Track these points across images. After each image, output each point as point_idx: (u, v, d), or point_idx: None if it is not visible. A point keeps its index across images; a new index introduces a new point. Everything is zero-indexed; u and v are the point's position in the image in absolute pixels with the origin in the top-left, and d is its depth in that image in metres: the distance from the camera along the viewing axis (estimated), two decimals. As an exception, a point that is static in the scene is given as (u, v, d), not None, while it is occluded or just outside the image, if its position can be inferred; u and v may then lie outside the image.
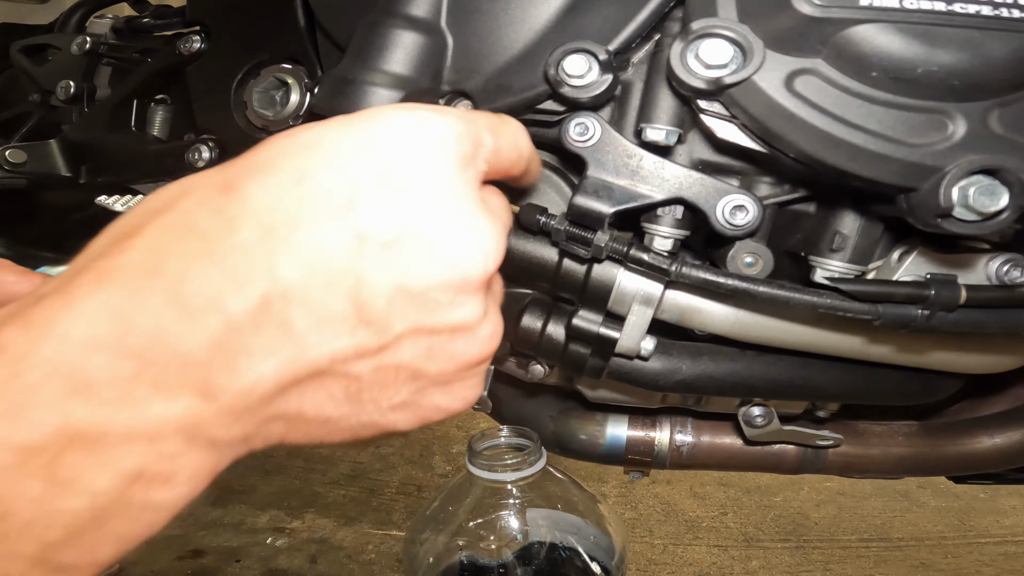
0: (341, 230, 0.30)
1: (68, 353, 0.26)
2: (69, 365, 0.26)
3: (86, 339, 0.26)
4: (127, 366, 0.26)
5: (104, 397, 0.26)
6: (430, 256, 0.31)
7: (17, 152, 0.85)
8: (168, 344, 0.27)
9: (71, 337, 0.26)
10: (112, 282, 0.27)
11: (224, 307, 0.28)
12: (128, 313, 0.27)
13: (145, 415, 0.27)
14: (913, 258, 0.52)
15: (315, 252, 0.29)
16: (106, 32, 0.91)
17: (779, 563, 1.57)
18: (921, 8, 0.40)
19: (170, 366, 0.27)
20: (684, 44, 0.43)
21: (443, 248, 0.31)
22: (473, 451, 0.84)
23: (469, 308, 0.33)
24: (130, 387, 0.27)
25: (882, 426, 0.77)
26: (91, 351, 0.26)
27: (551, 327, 0.59)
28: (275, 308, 0.29)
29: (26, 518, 0.26)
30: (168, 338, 0.27)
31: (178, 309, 0.27)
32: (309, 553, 1.63)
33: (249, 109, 0.66)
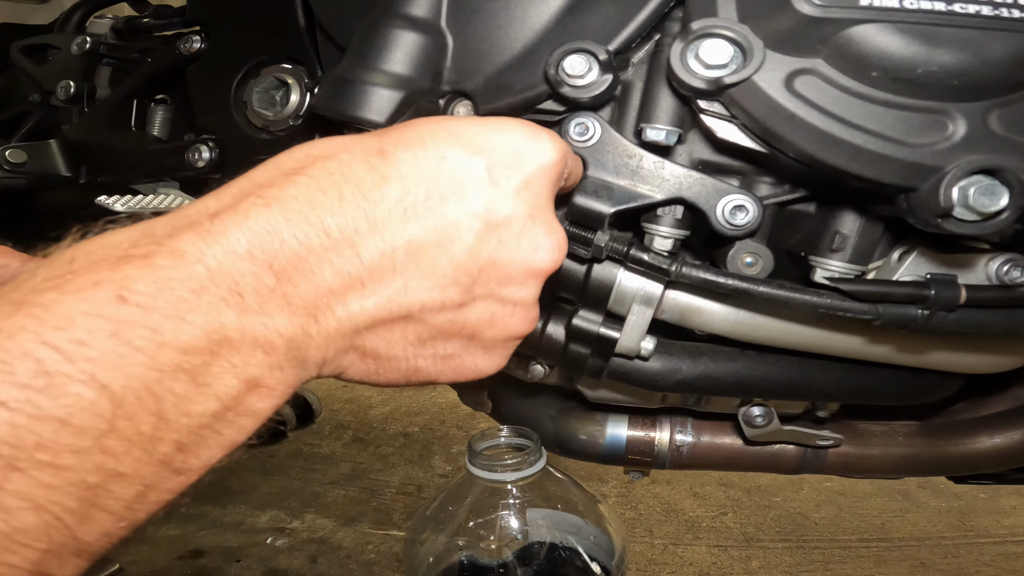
0: (466, 207, 0.36)
1: (232, 262, 0.30)
2: (229, 273, 0.30)
3: (247, 252, 0.30)
4: (270, 280, 0.31)
5: (247, 304, 0.30)
6: (521, 243, 0.38)
7: (17, 152, 0.85)
8: (306, 267, 0.32)
9: (236, 248, 0.30)
10: (277, 207, 0.32)
11: (359, 245, 0.33)
12: (284, 236, 0.31)
13: (269, 326, 0.31)
14: (913, 258, 0.52)
15: (441, 218, 0.35)
16: (106, 32, 0.91)
17: (779, 563, 1.57)
18: (921, 8, 0.40)
19: (299, 285, 0.32)
20: (684, 44, 0.43)
21: (532, 241, 0.39)
22: (473, 451, 0.84)
23: (532, 290, 0.41)
24: (267, 299, 0.31)
25: (882, 426, 0.77)
26: (249, 262, 0.30)
27: (551, 327, 0.59)
28: (398, 256, 0.34)
29: (169, 418, 0.28)
30: (307, 262, 0.32)
31: (322, 238, 0.32)
32: (309, 553, 1.63)
33: (249, 109, 0.66)
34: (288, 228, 0.31)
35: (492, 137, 0.38)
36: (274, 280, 0.31)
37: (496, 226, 0.37)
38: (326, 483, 1.90)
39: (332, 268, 0.33)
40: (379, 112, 0.49)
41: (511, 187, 0.38)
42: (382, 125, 0.49)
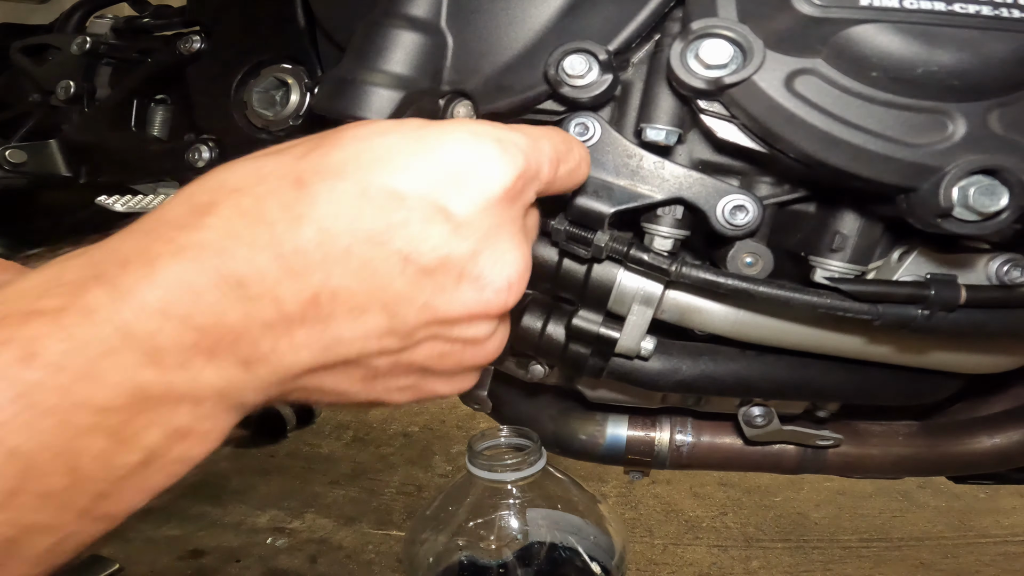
0: (391, 251, 0.33)
1: (145, 320, 0.28)
2: (144, 331, 0.28)
3: (161, 308, 0.29)
4: (190, 336, 0.29)
5: (168, 362, 0.29)
6: (462, 287, 0.35)
7: (17, 152, 0.85)
8: (226, 322, 0.30)
9: (149, 305, 0.28)
10: (187, 258, 0.30)
11: (279, 297, 0.31)
12: (198, 289, 0.29)
13: (197, 381, 0.30)
14: (913, 258, 0.52)
15: (364, 265, 0.32)
16: (106, 32, 0.91)
17: (779, 563, 1.57)
18: (921, 8, 0.40)
19: (223, 339, 0.30)
20: (684, 44, 0.43)
21: (477, 282, 0.35)
22: (473, 451, 0.84)
23: (484, 328, 0.38)
24: (189, 355, 0.29)
25: (882, 426, 0.77)
26: (164, 320, 0.29)
27: (551, 327, 0.59)
28: (322, 305, 0.32)
29: (86, 473, 0.28)
30: (227, 317, 0.30)
31: (239, 292, 0.30)
32: (309, 553, 1.63)
33: (249, 109, 0.66)
34: (202, 280, 0.29)
35: (425, 161, 0.34)
36: (195, 336, 0.29)
37: (431, 271, 0.34)
38: (326, 483, 1.90)
39: (254, 321, 0.30)
40: (379, 112, 0.49)
41: (447, 224, 0.34)
42: (382, 125, 0.49)
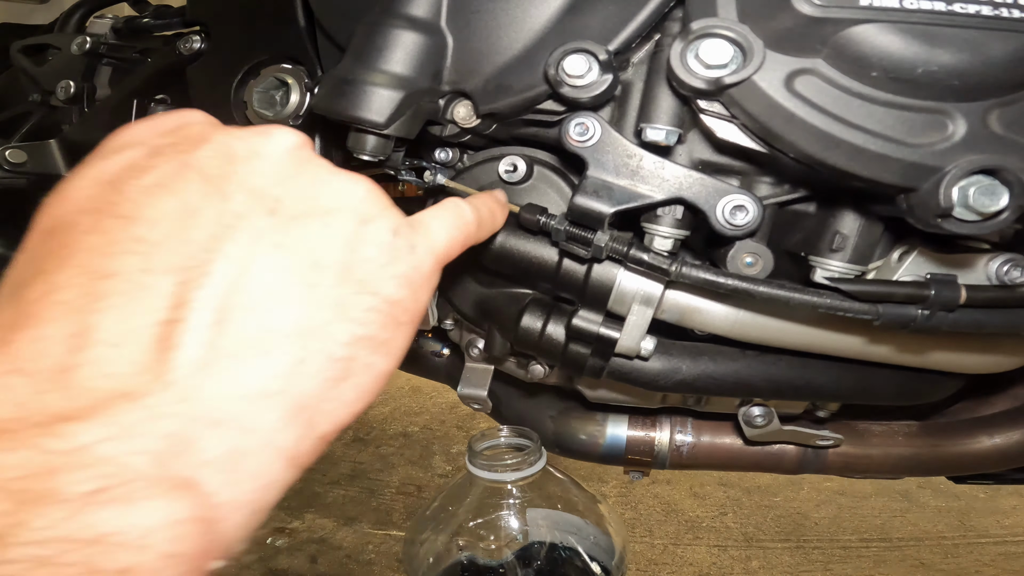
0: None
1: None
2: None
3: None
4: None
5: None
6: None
7: (17, 152, 0.85)
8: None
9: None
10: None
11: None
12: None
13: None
14: (913, 258, 0.52)
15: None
16: (106, 32, 0.91)
17: (779, 563, 1.57)
18: (921, 8, 0.40)
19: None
20: (684, 44, 0.43)
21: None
22: (473, 451, 0.84)
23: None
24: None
25: (882, 426, 0.77)
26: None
27: (551, 327, 0.59)
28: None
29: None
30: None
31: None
32: (309, 553, 1.63)
33: (249, 109, 0.66)
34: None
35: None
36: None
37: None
38: (326, 483, 1.90)
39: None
40: (379, 112, 0.49)
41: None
42: (382, 125, 0.49)
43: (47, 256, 0.29)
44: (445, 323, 0.72)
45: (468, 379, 0.74)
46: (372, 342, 0.31)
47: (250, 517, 0.27)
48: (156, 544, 0.23)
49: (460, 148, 0.63)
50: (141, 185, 0.30)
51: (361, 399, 0.31)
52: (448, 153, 0.63)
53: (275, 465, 0.28)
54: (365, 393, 0.31)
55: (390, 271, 0.32)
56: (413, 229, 0.35)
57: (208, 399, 0.26)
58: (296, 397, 0.28)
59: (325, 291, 0.30)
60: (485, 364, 0.74)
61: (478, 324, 0.69)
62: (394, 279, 0.32)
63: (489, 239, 0.58)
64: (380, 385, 0.32)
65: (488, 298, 0.65)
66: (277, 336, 0.28)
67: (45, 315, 0.26)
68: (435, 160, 0.63)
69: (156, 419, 0.25)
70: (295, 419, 0.28)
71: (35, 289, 0.27)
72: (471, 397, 0.75)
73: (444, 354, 0.86)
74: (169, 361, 0.26)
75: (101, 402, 0.25)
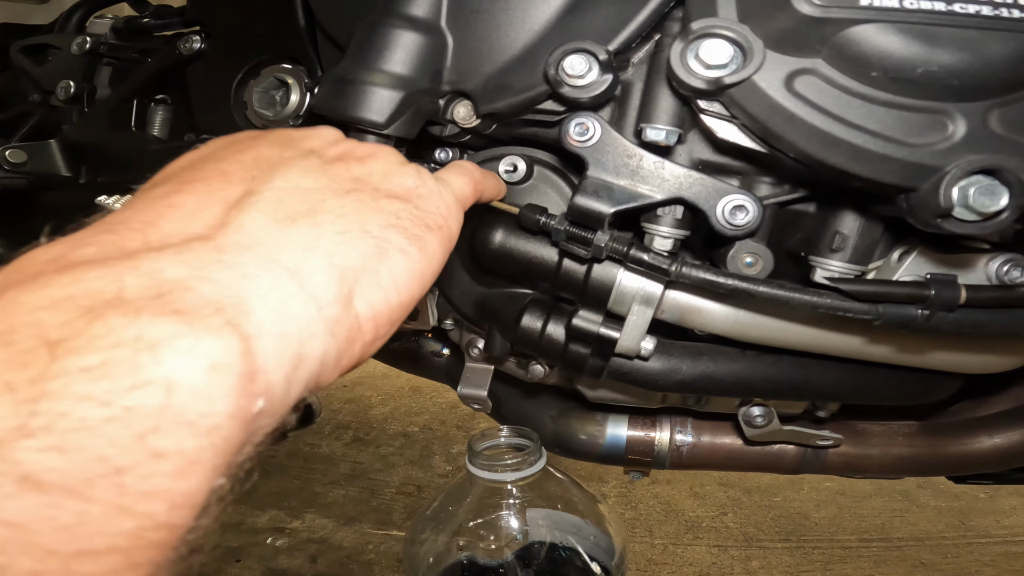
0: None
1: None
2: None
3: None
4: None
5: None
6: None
7: (17, 152, 0.85)
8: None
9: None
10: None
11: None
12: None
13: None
14: (913, 258, 0.52)
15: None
16: (106, 32, 0.91)
17: (779, 563, 1.57)
18: (921, 8, 0.40)
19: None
20: (684, 44, 0.43)
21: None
22: (473, 451, 0.84)
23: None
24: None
25: (882, 426, 0.77)
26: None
27: (551, 327, 0.59)
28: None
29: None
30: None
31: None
32: (309, 553, 1.63)
33: (249, 109, 0.66)
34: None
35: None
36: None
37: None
38: (326, 483, 1.90)
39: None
40: (379, 112, 0.49)
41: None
42: (382, 125, 0.49)
43: (152, 185, 0.36)
44: (445, 323, 0.72)
45: (468, 379, 0.74)
46: (405, 232, 0.36)
47: (287, 362, 0.28)
48: (203, 356, 0.24)
49: (460, 148, 0.63)
50: (231, 149, 0.38)
51: (396, 280, 0.35)
52: (448, 153, 0.63)
53: (313, 315, 0.30)
54: (399, 275, 0.35)
55: (419, 192, 0.39)
56: (437, 175, 0.44)
57: (266, 245, 0.31)
58: (338, 261, 0.33)
59: (362, 194, 0.37)
60: (485, 364, 0.74)
61: (478, 324, 0.69)
62: (423, 198, 0.39)
63: (489, 239, 0.58)
64: (415, 280, 0.37)
65: (488, 298, 0.65)
66: (324, 215, 0.34)
67: (138, 204, 0.32)
68: (435, 160, 0.63)
69: (221, 252, 0.29)
70: (336, 279, 0.32)
71: (136, 197, 0.34)
72: (471, 397, 0.75)
73: (444, 354, 0.86)
74: (237, 219, 0.31)
75: (176, 242, 0.29)
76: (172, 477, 0.23)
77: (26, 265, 0.27)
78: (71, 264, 0.26)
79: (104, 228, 0.30)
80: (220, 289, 0.27)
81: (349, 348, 0.33)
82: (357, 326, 0.33)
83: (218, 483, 0.25)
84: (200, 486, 0.24)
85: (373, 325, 0.34)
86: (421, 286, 0.37)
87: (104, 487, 0.22)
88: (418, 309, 0.70)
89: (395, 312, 0.36)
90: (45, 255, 0.27)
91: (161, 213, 0.31)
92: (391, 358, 0.89)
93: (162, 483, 0.23)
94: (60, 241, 0.29)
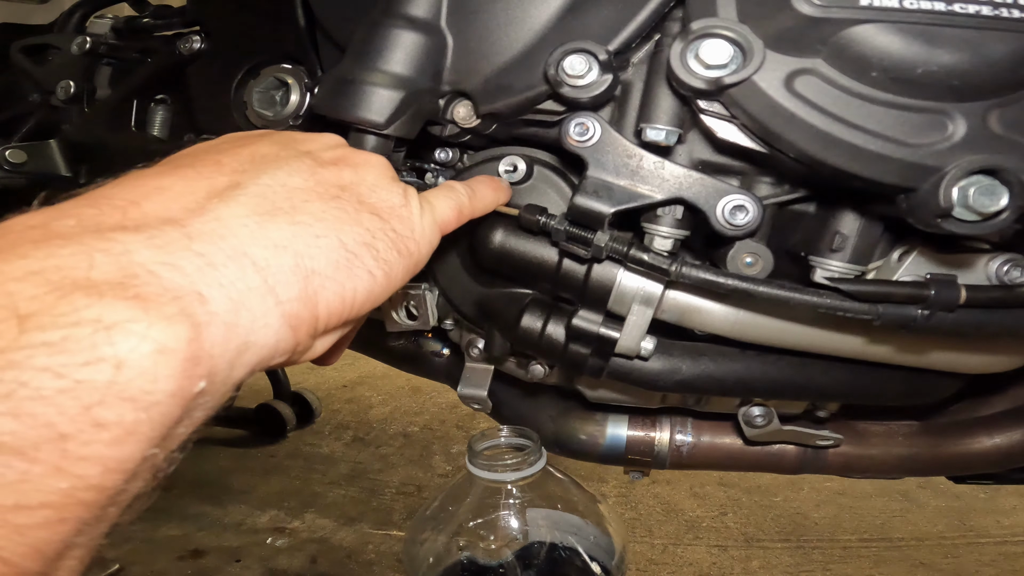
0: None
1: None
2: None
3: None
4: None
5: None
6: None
7: (17, 152, 0.85)
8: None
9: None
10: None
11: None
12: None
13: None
14: (913, 258, 0.52)
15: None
16: (106, 32, 0.91)
17: (779, 563, 1.57)
18: (921, 8, 0.40)
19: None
20: (684, 44, 0.43)
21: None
22: (473, 451, 0.84)
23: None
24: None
25: (882, 426, 0.77)
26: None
27: (551, 327, 0.59)
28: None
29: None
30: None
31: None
32: (309, 553, 1.63)
33: (249, 109, 0.66)
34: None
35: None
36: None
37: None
38: (326, 483, 1.90)
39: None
40: (379, 112, 0.49)
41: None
42: (382, 125, 0.49)
43: (150, 165, 0.37)
44: (445, 323, 0.72)
45: (468, 379, 0.74)
46: (376, 255, 0.37)
47: (233, 349, 0.30)
48: (153, 340, 0.26)
49: (460, 148, 0.63)
50: (233, 143, 0.40)
51: (356, 297, 0.36)
52: (448, 153, 0.63)
53: (270, 308, 0.32)
54: (360, 293, 0.37)
55: (400, 213, 0.40)
56: (422, 196, 0.44)
57: (240, 237, 0.32)
58: (307, 263, 0.34)
59: (345, 203, 0.37)
60: (485, 364, 0.74)
61: (478, 324, 0.69)
62: (402, 220, 0.40)
63: (489, 239, 0.58)
64: (370, 301, 0.38)
65: (488, 298, 0.65)
66: (304, 215, 0.35)
67: (127, 181, 0.34)
68: (435, 160, 0.63)
69: (191, 240, 0.30)
70: (301, 279, 0.33)
71: (129, 174, 0.36)
72: (471, 397, 0.75)
73: (444, 354, 0.86)
74: (217, 209, 0.32)
75: (153, 223, 0.30)
76: (109, 445, 0.25)
77: (8, 229, 0.28)
78: (49, 235, 0.28)
79: (88, 202, 0.31)
80: (183, 276, 0.29)
81: (307, 342, 0.35)
82: (314, 326, 0.35)
83: (151, 452, 0.27)
84: (133, 455, 0.26)
85: (325, 316, 0.36)
86: (373, 306, 0.39)
87: (48, 450, 0.24)
88: (419, 309, 0.70)
89: (343, 322, 0.37)
90: (29, 221, 0.29)
91: (146, 193, 0.32)
92: (391, 358, 0.89)
93: (99, 450, 0.25)
94: (45, 210, 0.30)
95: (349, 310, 0.37)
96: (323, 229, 0.35)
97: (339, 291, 0.35)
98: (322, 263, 0.35)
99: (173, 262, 0.29)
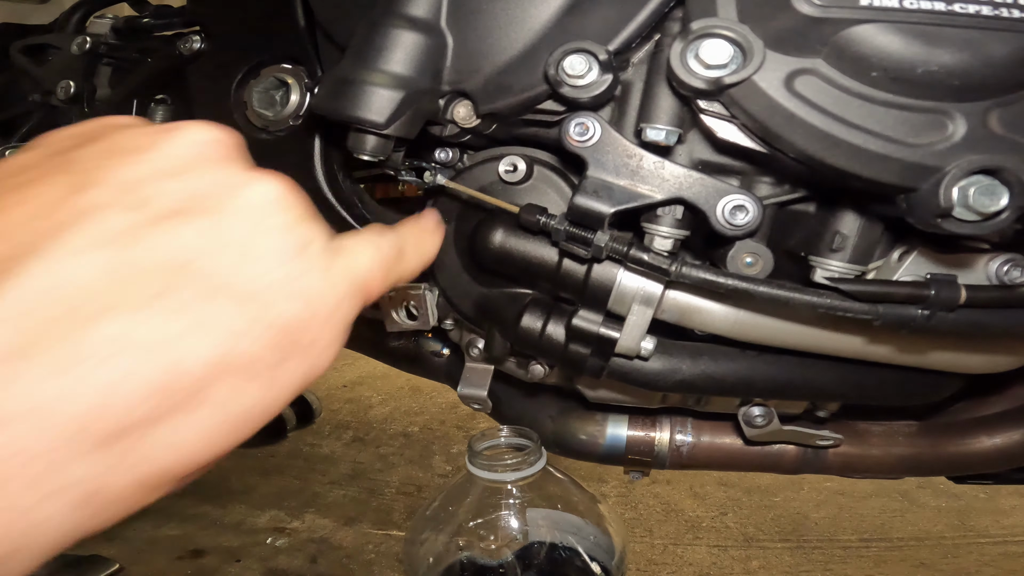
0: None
1: None
2: None
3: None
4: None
5: None
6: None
7: (17, 152, 0.84)
8: None
9: None
10: None
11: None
12: None
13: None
14: (913, 258, 0.52)
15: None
16: (106, 32, 0.91)
17: (779, 563, 1.57)
18: (921, 8, 0.40)
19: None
20: (684, 44, 0.43)
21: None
22: (473, 451, 0.84)
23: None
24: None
25: (882, 426, 0.77)
26: None
27: (551, 327, 0.59)
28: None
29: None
30: None
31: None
32: (309, 553, 1.63)
33: (249, 109, 0.66)
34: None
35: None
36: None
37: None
38: (326, 483, 1.90)
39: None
40: (379, 112, 0.49)
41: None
42: (382, 125, 0.49)
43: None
44: (445, 323, 0.72)
45: (468, 379, 0.74)
46: (247, 367, 0.25)
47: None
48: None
49: (460, 148, 0.63)
50: (13, 183, 0.26)
51: (211, 440, 0.25)
52: (448, 153, 0.63)
53: (48, 502, 0.22)
54: (220, 432, 0.25)
55: (289, 288, 0.27)
56: (331, 247, 0.30)
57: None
58: (105, 420, 0.22)
59: (188, 297, 0.24)
60: (485, 364, 0.74)
61: (478, 324, 0.69)
62: (292, 298, 0.27)
63: (489, 239, 0.58)
64: (248, 425, 0.26)
65: (488, 298, 0.65)
66: (99, 341, 0.23)
67: None
68: (435, 160, 0.63)
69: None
70: (97, 450, 0.22)
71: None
72: (471, 397, 0.75)
73: (444, 354, 0.86)
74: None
75: None
76: None
77: None
78: None
79: None
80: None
81: (116, 510, 0.24)
82: (139, 493, 0.25)
83: None
84: None
85: (158, 476, 0.25)
86: (251, 426, 0.26)
87: None
88: (419, 309, 0.70)
89: (195, 466, 0.26)
90: None
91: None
92: (391, 358, 0.89)
93: None
94: None
95: (203, 455, 0.25)
96: (136, 359, 0.23)
97: (173, 442, 0.24)
98: (133, 413, 0.23)
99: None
